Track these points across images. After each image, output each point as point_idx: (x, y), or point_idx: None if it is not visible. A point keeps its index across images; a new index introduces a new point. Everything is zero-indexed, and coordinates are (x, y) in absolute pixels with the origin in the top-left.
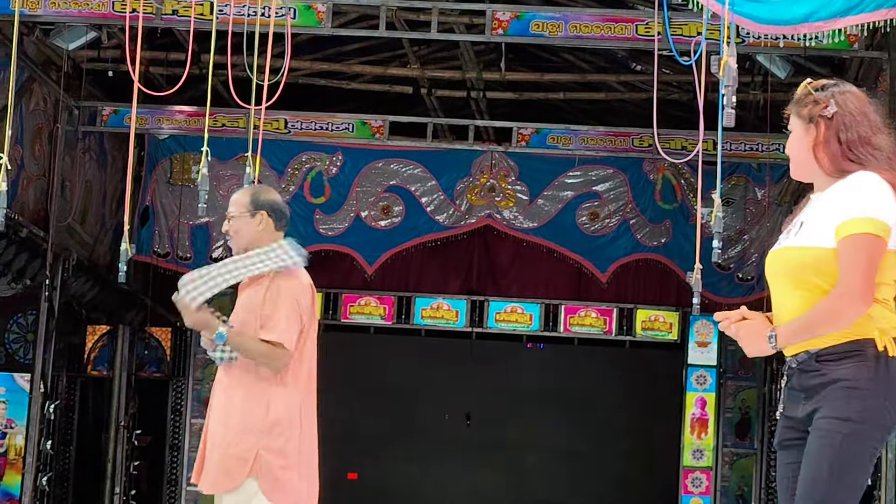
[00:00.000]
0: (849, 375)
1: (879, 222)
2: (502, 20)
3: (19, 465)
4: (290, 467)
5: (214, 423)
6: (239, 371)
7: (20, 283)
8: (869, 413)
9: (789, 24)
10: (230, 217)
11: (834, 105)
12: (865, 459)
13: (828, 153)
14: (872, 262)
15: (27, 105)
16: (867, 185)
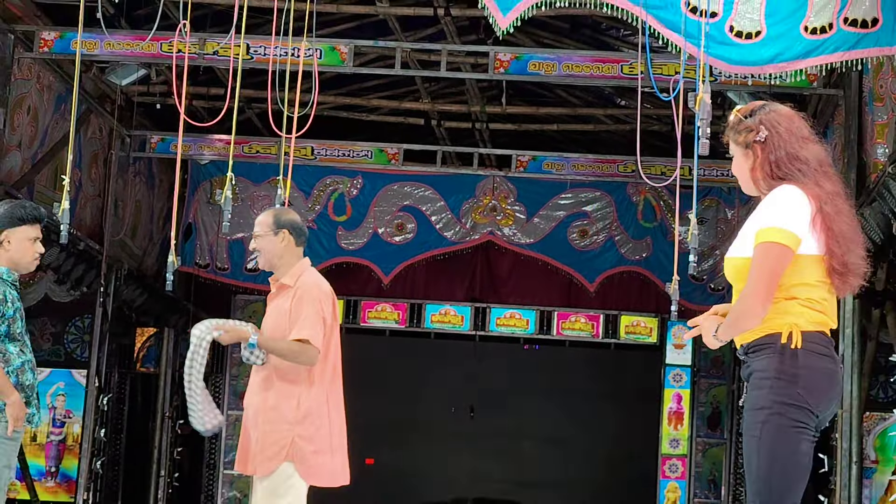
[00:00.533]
0: (762, 367)
1: (785, 231)
2: (503, 60)
3: (76, 451)
4: (320, 451)
5: (253, 418)
6: (270, 372)
7: (78, 290)
8: (782, 399)
9: (756, 64)
10: (256, 236)
11: (764, 129)
12: (791, 444)
13: (762, 174)
14: (775, 268)
15: (85, 134)
16: (781, 198)
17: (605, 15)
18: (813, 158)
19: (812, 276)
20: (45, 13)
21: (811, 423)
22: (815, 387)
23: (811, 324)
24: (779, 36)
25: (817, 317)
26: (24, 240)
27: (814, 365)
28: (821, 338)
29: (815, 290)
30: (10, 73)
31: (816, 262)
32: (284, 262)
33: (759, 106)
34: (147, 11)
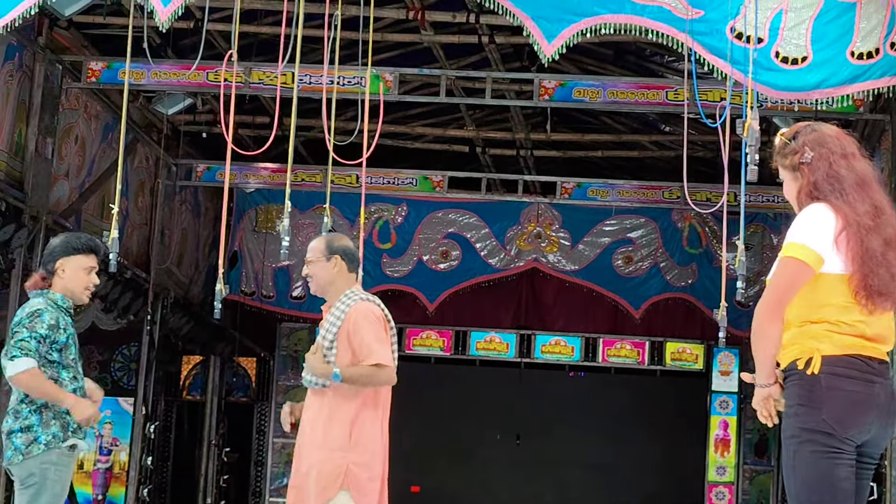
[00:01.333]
0: (790, 395)
1: (804, 248)
2: (548, 87)
3: (123, 479)
4: (374, 478)
5: (307, 444)
6: (327, 395)
7: (125, 318)
8: (809, 426)
9: (802, 90)
10: (308, 262)
11: (809, 150)
12: (824, 470)
13: (805, 195)
14: (789, 283)
15: (132, 162)
16: (806, 215)
17: (649, 41)
18: (852, 176)
19: (839, 297)
20: (92, 44)
21: (846, 448)
22: (841, 413)
23: (839, 347)
24: (825, 61)
25: (846, 340)
26: (79, 269)
27: (839, 389)
28: (850, 361)
29: (845, 313)
30: (58, 102)
31: (842, 282)
32: (336, 288)
33: (803, 127)
34: (193, 41)
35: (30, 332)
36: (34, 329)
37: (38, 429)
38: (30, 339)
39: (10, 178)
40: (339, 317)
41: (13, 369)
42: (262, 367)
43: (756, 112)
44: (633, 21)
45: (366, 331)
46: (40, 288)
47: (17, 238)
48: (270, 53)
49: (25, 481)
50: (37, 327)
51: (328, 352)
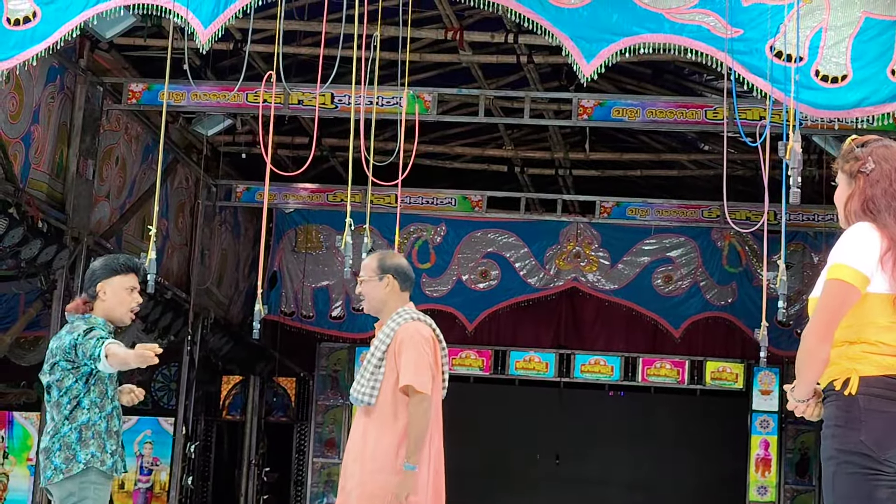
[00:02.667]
0: (828, 416)
1: (850, 269)
2: (587, 107)
3: (164, 499)
4: (420, 502)
5: (352, 462)
6: (374, 414)
7: (165, 338)
8: (846, 448)
9: (843, 108)
10: (360, 281)
11: (871, 162)
12: (862, 492)
13: (856, 206)
14: (837, 306)
15: (172, 183)
16: (851, 235)
17: (687, 60)
18: None
19: (883, 317)
20: (132, 65)
21: (886, 469)
22: (879, 434)
23: (877, 368)
24: (865, 80)
25: (886, 361)
26: (120, 290)
27: (877, 411)
28: (889, 382)
29: (886, 333)
30: (98, 124)
31: (887, 302)
32: (389, 307)
33: (875, 139)
34: (232, 62)
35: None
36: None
37: (77, 447)
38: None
39: (51, 199)
40: (388, 335)
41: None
42: (302, 386)
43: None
44: (671, 40)
45: (408, 352)
46: (81, 312)
47: (58, 259)
48: (309, 74)
49: (65, 501)
50: (99, 334)
51: (376, 370)
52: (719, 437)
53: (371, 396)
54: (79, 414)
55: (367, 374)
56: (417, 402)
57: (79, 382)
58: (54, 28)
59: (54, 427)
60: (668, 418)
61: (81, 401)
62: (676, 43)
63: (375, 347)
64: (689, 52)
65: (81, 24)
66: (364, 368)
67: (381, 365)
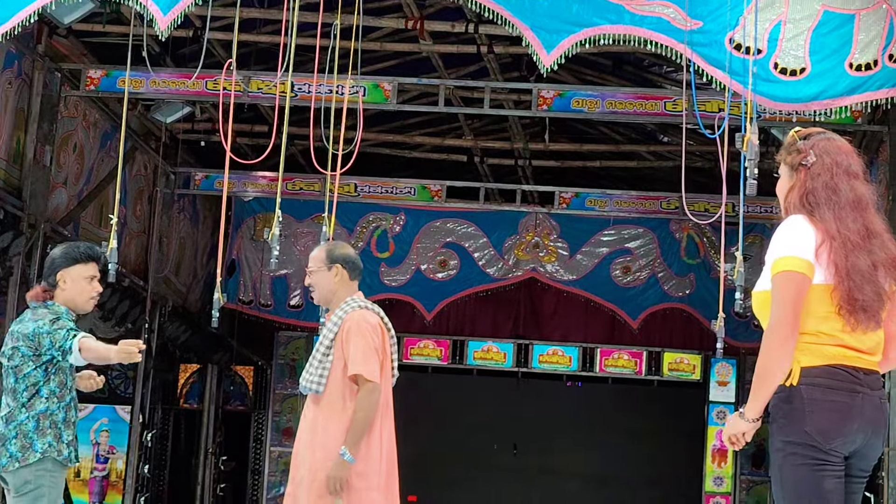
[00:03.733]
0: (774, 409)
1: (798, 259)
2: (547, 97)
3: (120, 487)
4: (372, 488)
5: (303, 451)
6: (323, 402)
7: (122, 326)
8: (791, 439)
9: (801, 101)
10: (309, 271)
11: (813, 155)
12: (809, 483)
13: (795, 198)
14: (796, 296)
15: (130, 171)
16: (786, 228)
17: (648, 52)
18: (851, 195)
19: (821, 307)
20: (91, 52)
21: (831, 459)
22: (823, 424)
23: (818, 358)
24: (823, 73)
25: (826, 350)
26: (80, 279)
27: (819, 400)
28: (830, 371)
29: (825, 322)
30: (56, 110)
31: (825, 293)
32: (338, 297)
33: (818, 132)
34: (191, 50)
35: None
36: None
37: (35, 436)
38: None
39: (8, 185)
40: (336, 323)
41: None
42: (260, 375)
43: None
44: (631, 31)
45: (356, 341)
46: (42, 300)
47: (14, 246)
48: (268, 62)
49: (20, 489)
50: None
51: (325, 358)
52: (676, 428)
53: (320, 385)
54: (37, 402)
55: (316, 362)
56: (368, 392)
57: (38, 370)
58: (12, 13)
59: (9, 414)
60: (625, 409)
61: (40, 389)
62: (636, 34)
63: (324, 336)
64: (648, 44)
65: (39, 10)
66: (313, 357)
67: (329, 353)
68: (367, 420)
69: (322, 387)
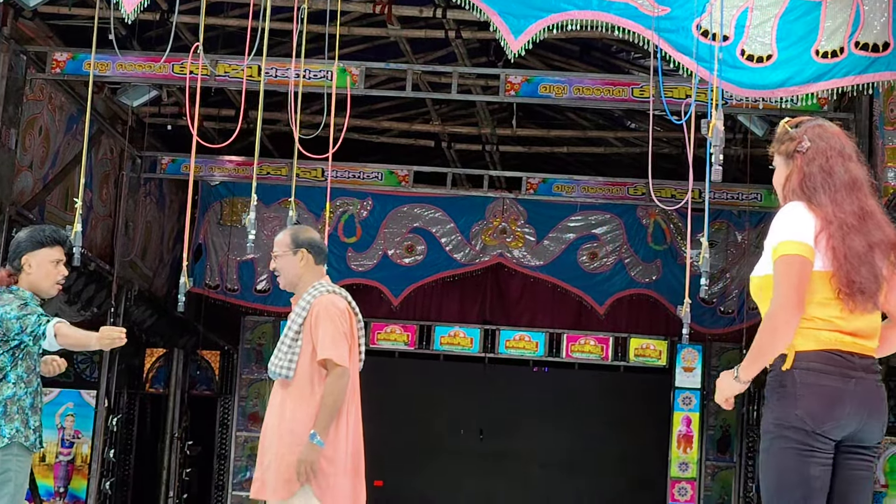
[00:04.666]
0: (768, 390)
1: (800, 243)
2: (514, 83)
3: (85, 472)
4: (339, 473)
5: (270, 435)
6: (291, 387)
7: (88, 310)
8: (782, 422)
9: (767, 88)
10: (275, 256)
11: (807, 140)
12: (794, 465)
13: (794, 184)
14: (797, 279)
15: (96, 154)
16: (786, 214)
17: (615, 38)
18: (846, 176)
19: (819, 293)
20: (57, 34)
21: (820, 446)
22: (814, 407)
23: (813, 343)
24: (790, 59)
25: (822, 335)
26: (46, 262)
27: (812, 384)
28: (824, 356)
29: (823, 309)
30: (22, 93)
31: (823, 279)
32: (304, 281)
33: (808, 119)
34: (158, 33)
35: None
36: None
37: (2, 421)
38: (41, 316)
39: None
40: (304, 307)
41: (51, 335)
42: (226, 360)
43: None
44: (599, 17)
45: (325, 325)
46: (6, 284)
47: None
48: (236, 46)
49: None
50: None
51: (293, 343)
52: (642, 414)
53: (289, 370)
54: (4, 388)
55: (285, 347)
56: (337, 376)
57: (5, 355)
58: None
59: None
60: (591, 395)
61: (7, 375)
62: (604, 20)
63: (292, 321)
64: (616, 30)
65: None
66: (281, 342)
67: (297, 338)
68: (337, 404)
69: (291, 371)
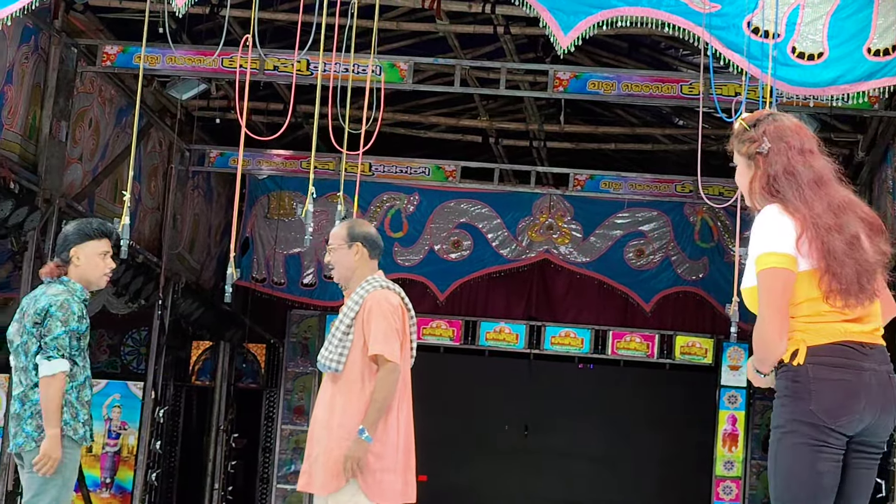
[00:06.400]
0: (779, 387)
1: (780, 255)
2: (563, 79)
3: (131, 463)
4: (387, 469)
5: (319, 429)
6: (341, 381)
7: (136, 302)
8: (795, 417)
9: (818, 86)
10: (330, 249)
11: (767, 142)
12: (805, 462)
13: (759, 187)
14: (780, 292)
15: (145, 147)
16: (764, 222)
17: (664, 34)
18: (809, 173)
19: (815, 291)
20: (107, 27)
21: (832, 442)
22: (829, 402)
23: (823, 336)
24: (841, 57)
25: (830, 328)
26: (94, 255)
27: (826, 379)
28: (836, 349)
29: (825, 303)
30: (72, 86)
31: (813, 277)
32: (358, 275)
33: (765, 116)
34: (207, 26)
35: (64, 327)
36: (67, 323)
37: None
38: (65, 336)
39: (23, 160)
40: (356, 302)
41: (50, 369)
42: (272, 353)
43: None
44: (649, 14)
45: (377, 321)
46: (56, 275)
47: (29, 221)
48: (285, 40)
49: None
50: (70, 321)
51: (345, 337)
52: (687, 412)
53: (339, 363)
54: None
55: (336, 340)
56: (388, 372)
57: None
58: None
59: (23, 393)
60: (636, 392)
61: None
62: (654, 17)
63: (344, 314)
64: (666, 27)
65: None
66: (332, 335)
67: (349, 332)
68: (387, 400)
69: (341, 365)
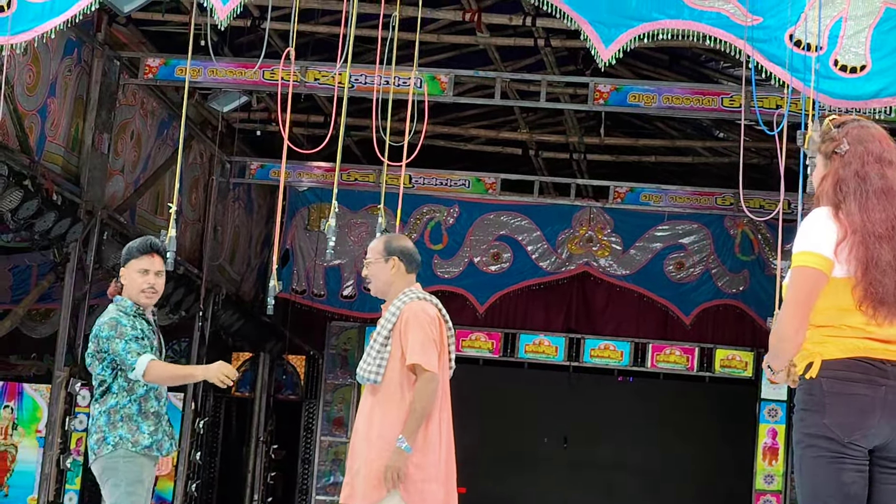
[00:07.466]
0: (797, 400)
1: (814, 255)
2: (603, 91)
3: (171, 474)
4: (429, 479)
5: (359, 441)
6: (380, 393)
7: (177, 314)
8: (811, 431)
9: (861, 99)
10: (367, 263)
11: (846, 143)
12: (827, 476)
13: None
14: (807, 292)
15: (187, 159)
16: (809, 222)
17: (705, 47)
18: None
19: (845, 300)
20: (149, 40)
21: (851, 453)
22: (842, 416)
23: (841, 351)
24: (884, 70)
25: (850, 343)
26: (133, 273)
27: (840, 394)
28: (852, 364)
29: (849, 316)
30: (115, 98)
31: (846, 286)
32: (395, 289)
33: (851, 120)
34: (248, 39)
35: (122, 339)
36: (124, 336)
37: (107, 430)
38: (130, 342)
39: (66, 172)
40: (394, 313)
41: (139, 372)
42: (311, 365)
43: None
44: (691, 27)
45: (414, 331)
46: (113, 295)
47: (72, 232)
48: (325, 53)
49: (101, 477)
50: (125, 334)
51: (383, 349)
52: (727, 425)
53: (377, 374)
54: (108, 398)
55: (374, 352)
56: (426, 381)
57: (106, 370)
58: (73, 1)
59: (90, 409)
60: (676, 405)
61: (111, 386)
62: (695, 29)
63: (381, 326)
64: (707, 39)
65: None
66: (371, 347)
67: (387, 343)
68: (426, 410)
69: (380, 377)
